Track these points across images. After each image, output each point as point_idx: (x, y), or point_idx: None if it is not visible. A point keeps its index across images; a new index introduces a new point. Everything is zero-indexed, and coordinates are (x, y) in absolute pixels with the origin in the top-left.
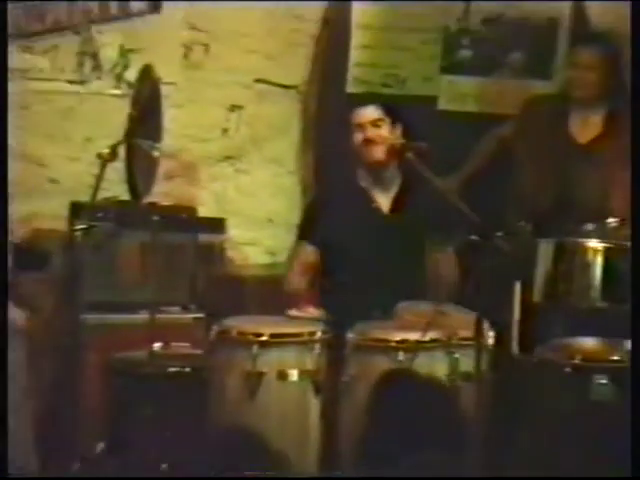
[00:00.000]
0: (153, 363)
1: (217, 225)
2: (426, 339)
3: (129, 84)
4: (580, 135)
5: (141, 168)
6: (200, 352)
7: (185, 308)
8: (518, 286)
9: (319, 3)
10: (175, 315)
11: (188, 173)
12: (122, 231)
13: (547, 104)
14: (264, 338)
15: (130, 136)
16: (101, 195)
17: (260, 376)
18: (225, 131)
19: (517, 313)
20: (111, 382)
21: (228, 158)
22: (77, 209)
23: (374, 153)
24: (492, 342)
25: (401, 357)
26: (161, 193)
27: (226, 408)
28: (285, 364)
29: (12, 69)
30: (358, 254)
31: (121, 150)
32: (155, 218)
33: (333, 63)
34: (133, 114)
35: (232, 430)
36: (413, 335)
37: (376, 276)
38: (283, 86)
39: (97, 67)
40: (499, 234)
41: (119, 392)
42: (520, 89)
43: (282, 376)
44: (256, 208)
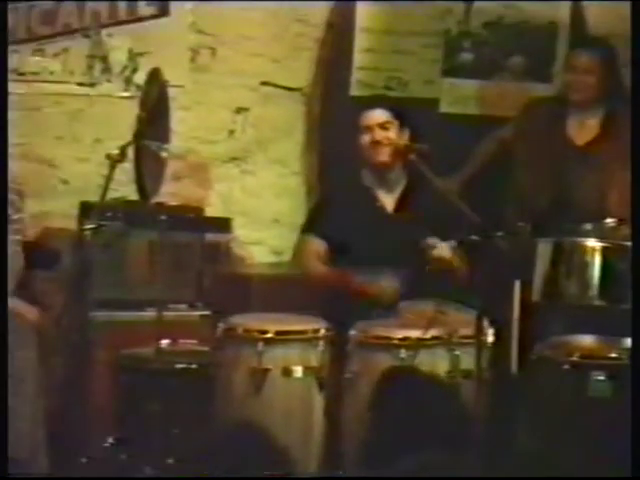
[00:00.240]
0: (160, 360)
1: (223, 225)
2: (427, 337)
3: (138, 87)
4: (578, 137)
5: (149, 169)
6: (207, 349)
7: (192, 306)
8: (518, 285)
9: (323, 8)
10: (182, 312)
11: (195, 174)
12: (130, 230)
13: (546, 107)
14: (269, 335)
15: (139, 138)
16: (110, 195)
17: (265, 372)
18: (231, 133)
19: (517, 311)
20: (119, 378)
21: (234, 159)
22: (87, 209)
23: (381, 155)
24: (492, 340)
25: (403, 354)
26: (169, 193)
27: (232, 404)
28: (290, 361)
29: (24, 72)
30: (362, 253)
31: (130, 151)
32: (163, 218)
33: (337, 66)
34: (141, 116)
35: (237, 425)
36: (415, 333)
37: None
38: (288, 89)
39: (107, 70)
40: (499, 234)
41: (127, 388)
42: (520, 92)
43: (287, 372)
44: (261, 208)
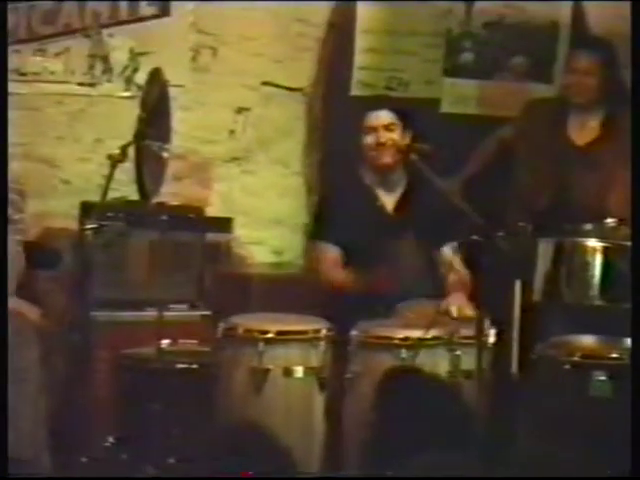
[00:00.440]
0: (161, 359)
1: (224, 225)
2: (428, 337)
3: (139, 87)
4: (578, 138)
5: (150, 169)
6: (207, 349)
7: (193, 306)
8: (518, 285)
9: (324, 8)
10: (183, 313)
11: (196, 174)
12: (131, 230)
13: (546, 107)
14: (270, 335)
15: (139, 138)
16: (111, 195)
17: (266, 372)
18: (232, 133)
19: (517, 311)
20: (120, 378)
21: (235, 159)
22: (87, 209)
23: (384, 157)
24: (493, 340)
25: (404, 354)
26: (170, 193)
27: (233, 404)
28: (290, 361)
29: (25, 72)
30: (362, 252)
31: (131, 151)
32: (163, 218)
33: (338, 66)
34: (142, 116)
35: (238, 425)
36: (416, 333)
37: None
38: (289, 89)
39: (107, 70)
40: (500, 234)
41: (128, 388)
42: (521, 92)
43: (287, 373)
44: (262, 208)
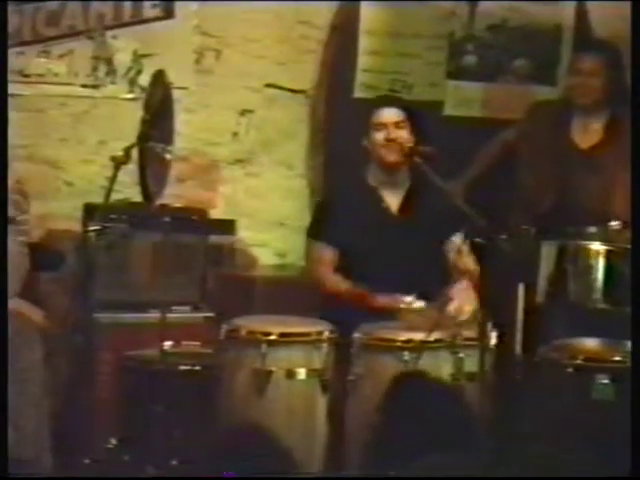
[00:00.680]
0: (164, 361)
1: (227, 227)
2: (431, 339)
3: (142, 88)
4: (582, 141)
5: (153, 171)
6: (210, 351)
7: (195, 307)
8: (522, 287)
9: (328, 10)
10: (186, 314)
11: (199, 176)
12: (134, 232)
13: (550, 110)
14: (273, 337)
15: (143, 139)
16: (114, 197)
17: (269, 374)
18: (235, 135)
19: (521, 314)
20: (123, 379)
21: (238, 161)
22: (91, 210)
23: (392, 154)
24: (496, 342)
25: (406, 357)
26: (173, 195)
27: (235, 405)
28: (293, 363)
29: (29, 74)
30: (367, 253)
31: (134, 153)
32: (167, 220)
33: (341, 69)
34: (146, 118)
35: (241, 427)
36: (418, 335)
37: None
38: (292, 91)
39: (111, 72)
40: (503, 236)
41: (130, 389)
42: (525, 95)
43: (290, 374)
44: (266, 210)
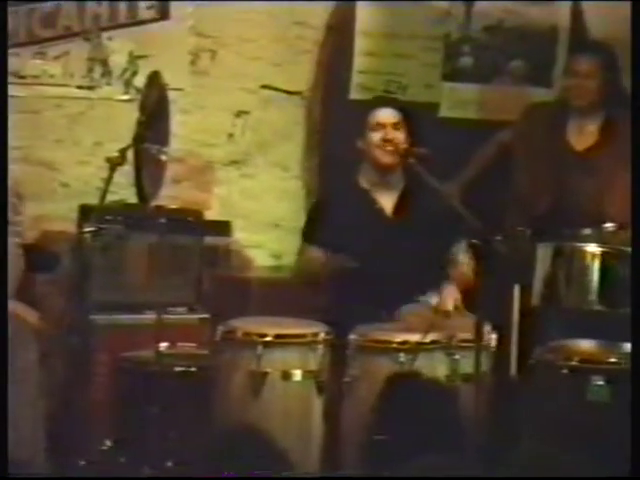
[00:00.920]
0: (160, 362)
1: (223, 228)
2: (427, 341)
3: (138, 90)
4: (577, 142)
5: (149, 172)
6: (206, 352)
7: (191, 309)
8: (517, 289)
9: (323, 10)
10: (181, 316)
11: (195, 177)
12: (130, 233)
13: (546, 111)
14: (268, 339)
15: (138, 141)
16: (110, 198)
17: (264, 376)
18: (231, 136)
19: (516, 315)
20: (118, 381)
21: (234, 162)
22: (86, 212)
23: (388, 155)
24: (491, 344)
25: (402, 358)
26: (168, 196)
27: (231, 407)
28: (289, 364)
29: (25, 75)
30: (361, 255)
31: (129, 154)
32: (162, 221)
33: (337, 69)
34: (141, 119)
35: (236, 428)
36: (414, 337)
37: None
38: (288, 92)
39: (107, 73)
40: (499, 238)
41: (126, 390)
42: (520, 96)
43: (286, 376)
44: (261, 212)
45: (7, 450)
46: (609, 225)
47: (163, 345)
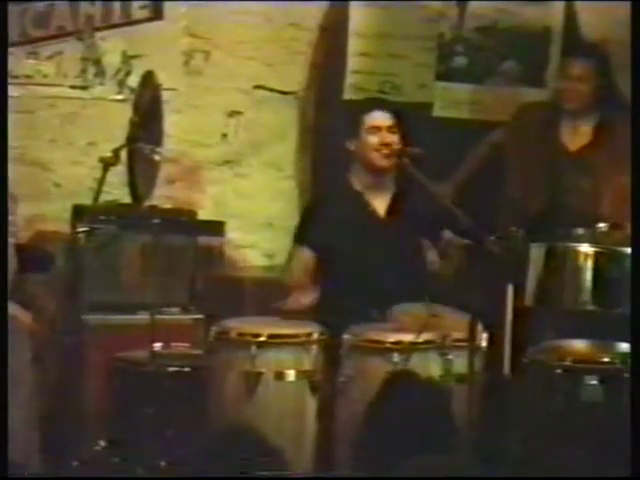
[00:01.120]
0: (154, 363)
1: (216, 228)
2: (420, 340)
3: (131, 90)
4: (571, 142)
5: (142, 172)
6: (199, 352)
7: (185, 309)
8: (510, 289)
9: (317, 11)
10: (175, 316)
11: (188, 177)
12: (123, 233)
13: (539, 112)
14: (262, 339)
15: (132, 141)
16: (103, 198)
17: (258, 376)
18: (224, 136)
19: (509, 315)
20: (112, 381)
21: (227, 162)
22: (80, 212)
23: (384, 158)
24: (485, 344)
25: (396, 358)
26: (162, 196)
27: (225, 407)
28: (283, 364)
29: (18, 75)
30: (355, 256)
31: (123, 154)
32: (156, 221)
33: (331, 70)
34: (135, 119)
35: (230, 428)
36: (408, 337)
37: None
38: (281, 92)
39: (100, 73)
40: (491, 238)
41: (120, 391)
42: (514, 97)
43: (280, 376)
44: (254, 211)
45: (7, 450)
46: (602, 225)
47: (157, 345)
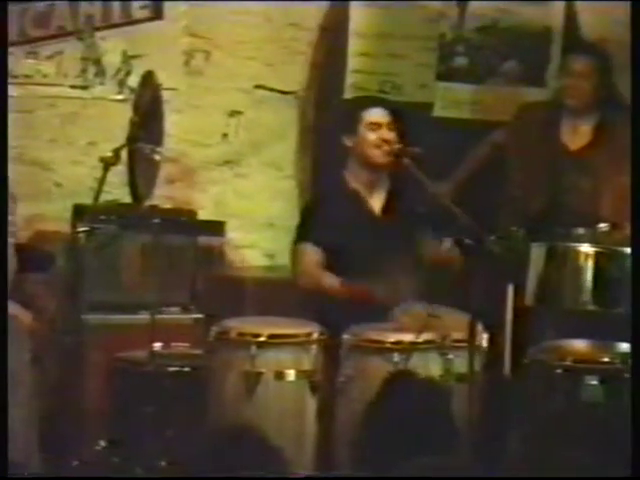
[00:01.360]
0: (154, 363)
1: (216, 228)
2: (420, 340)
3: (131, 89)
4: (571, 142)
5: (143, 172)
6: (199, 352)
7: (185, 309)
8: (511, 289)
9: (317, 11)
10: (175, 316)
11: (188, 177)
12: (124, 233)
13: (539, 111)
14: (262, 339)
15: (132, 141)
16: (103, 198)
17: (258, 376)
18: (225, 136)
19: (510, 315)
20: (113, 381)
21: (227, 162)
22: (80, 212)
23: (383, 155)
24: (485, 344)
25: (396, 358)
26: (162, 196)
27: (225, 407)
28: (282, 364)
29: (17, 74)
30: (352, 255)
31: (123, 154)
32: (156, 221)
33: (331, 70)
34: (135, 119)
35: (230, 428)
36: (408, 336)
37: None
38: (282, 92)
39: (100, 73)
40: (492, 238)
41: (120, 390)
42: (514, 96)
43: (279, 376)
44: (255, 211)
45: (7, 450)
46: (603, 225)
47: (157, 345)
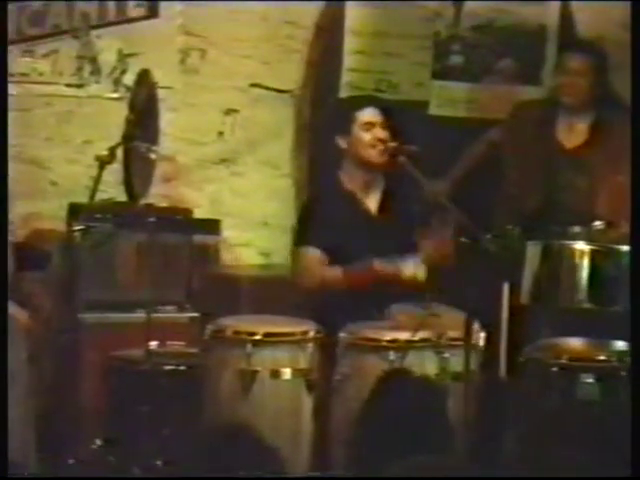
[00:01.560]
0: (149, 361)
1: (212, 226)
2: (416, 339)
3: (127, 88)
4: (567, 141)
5: (138, 170)
6: (195, 350)
7: (181, 307)
8: (506, 287)
9: (313, 10)
10: (171, 314)
11: (184, 175)
12: (119, 232)
13: (535, 110)
14: (258, 337)
15: (128, 139)
16: (99, 196)
17: (254, 374)
18: (220, 134)
19: (505, 314)
20: (108, 379)
21: (223, 161)
22: (75, 210)
23: (379, 154)
24: (481, 342)
25: (392, 356)
26: (158, 195)
27: (221, 405)
28: (278, 363)
29: (13, 73)
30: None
31: (119, 153)
32: (151, 219)
33: (326, 68)
34: (131, 117)
35: (226, 427)
36: (404, 335)
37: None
38: (277, 90)
39: (96, 71)
40: (488, 236)
41: (116, 389)
42: (510, 95)
43: (275, 374)
44: (250, 210)
45: (7, 450)
46: (598, 223)
47: (153, 344)
